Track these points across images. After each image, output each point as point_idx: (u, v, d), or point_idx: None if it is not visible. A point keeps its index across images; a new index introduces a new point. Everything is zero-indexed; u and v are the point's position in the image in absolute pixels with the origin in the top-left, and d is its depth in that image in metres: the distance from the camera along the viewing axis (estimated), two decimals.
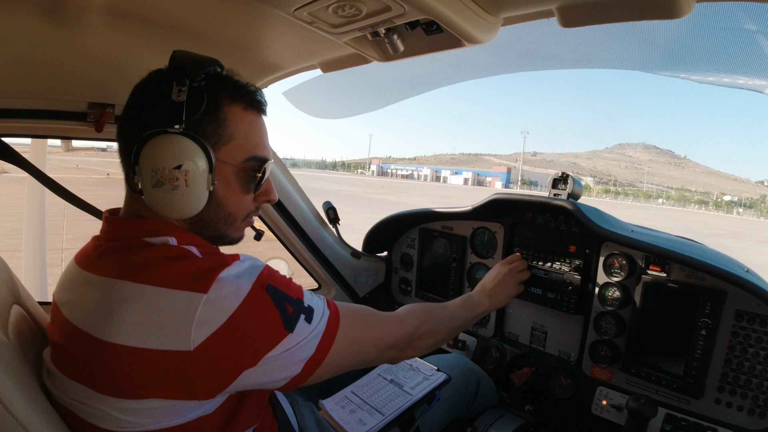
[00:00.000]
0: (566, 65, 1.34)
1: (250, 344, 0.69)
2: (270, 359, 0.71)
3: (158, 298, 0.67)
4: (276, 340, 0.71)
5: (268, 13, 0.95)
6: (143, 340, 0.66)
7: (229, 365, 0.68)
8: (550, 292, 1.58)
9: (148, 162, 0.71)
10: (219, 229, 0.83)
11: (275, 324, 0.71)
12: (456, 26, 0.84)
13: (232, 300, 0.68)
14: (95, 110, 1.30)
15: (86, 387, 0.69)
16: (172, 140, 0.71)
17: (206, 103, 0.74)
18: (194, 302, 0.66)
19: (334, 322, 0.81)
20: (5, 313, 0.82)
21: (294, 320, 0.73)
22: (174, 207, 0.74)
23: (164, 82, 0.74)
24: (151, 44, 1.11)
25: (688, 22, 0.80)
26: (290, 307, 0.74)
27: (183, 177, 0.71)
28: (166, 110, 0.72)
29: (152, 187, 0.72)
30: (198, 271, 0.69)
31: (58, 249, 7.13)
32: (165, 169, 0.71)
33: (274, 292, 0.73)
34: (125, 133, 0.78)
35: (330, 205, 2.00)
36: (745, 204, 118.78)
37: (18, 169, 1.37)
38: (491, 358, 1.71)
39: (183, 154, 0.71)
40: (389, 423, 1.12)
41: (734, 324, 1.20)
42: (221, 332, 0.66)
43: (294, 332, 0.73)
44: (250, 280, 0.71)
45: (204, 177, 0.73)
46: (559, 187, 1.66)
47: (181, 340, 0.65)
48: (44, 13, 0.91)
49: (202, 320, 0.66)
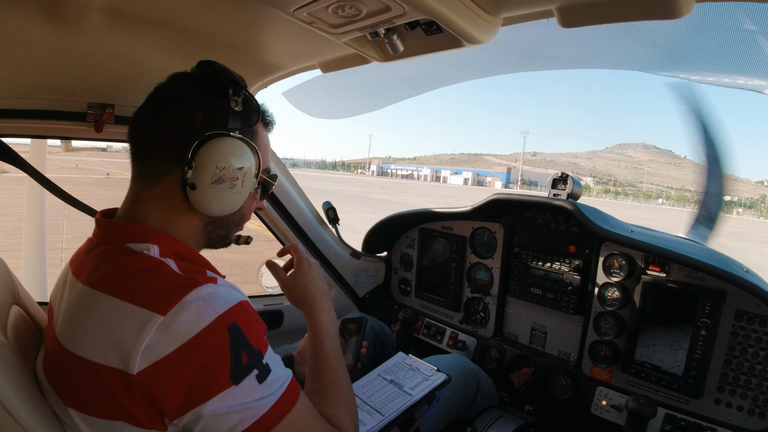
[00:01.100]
0: (566, 65, 1.34)
1: (192, 385, 0.63)
2: (205, 412, 0.63)
3: (118, 311, 0.65)
4: (217, 389, 0.63)
5: (268, 13, 0.95)
6: (97, 353, 0.63)
7: (168, 400, 0.63)
8: (550, 292, 1.58)
9: (211, 159, 0.75)
10: (229, 230, 0.87)
11: (222, 370, 0.64)
12: (456, 26, 0.84)
13: (188, 327, 0.63)
14: (95, 110, 1.30)
15: (59, 397, 0.69)
16: (236, 143, 0.77)
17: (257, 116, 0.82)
18: (149, 323, 0.62)
19: (291, 396, 0.72)
20: (5, 313, 0.82)
21: (243, 373, 0.66)
22: (225, 203, 0.78)
23: (213, 88, 0.78)
24: (151, 45, 1.11)
25: (688, 22, 0.80)
26: (246, 356, 0.66)
27: (242, 177, 0.78)
28: (223, 116, 0.77)
29: (212, 182, 0.76)
30: (164, 289, 0.66)
31: (58, 249, 7.12)
32: (230, 168, 0.76)
33: (235, 334, 0.66)
34: (167, 130, 0.77)
35: (330, 205, 2.00)
36: (745, 204, 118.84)
37: (18, 169, 1.37)
38: (491, 358, 1.71)
39: (245, 157, 0.78)
40: (389, 423, 1.12)
41: (734, 324, 1.20)
42: (167, 361, 0.62)
43: (239, 386, 0.65)
44: (216, 312, 0.65)
45: (252, 180, 0.81)
46: (559, 187, 1.66)
47: (127, 360, 0.62)
48: (44, 14, 0.91)
49: (152, 344, 0.62)
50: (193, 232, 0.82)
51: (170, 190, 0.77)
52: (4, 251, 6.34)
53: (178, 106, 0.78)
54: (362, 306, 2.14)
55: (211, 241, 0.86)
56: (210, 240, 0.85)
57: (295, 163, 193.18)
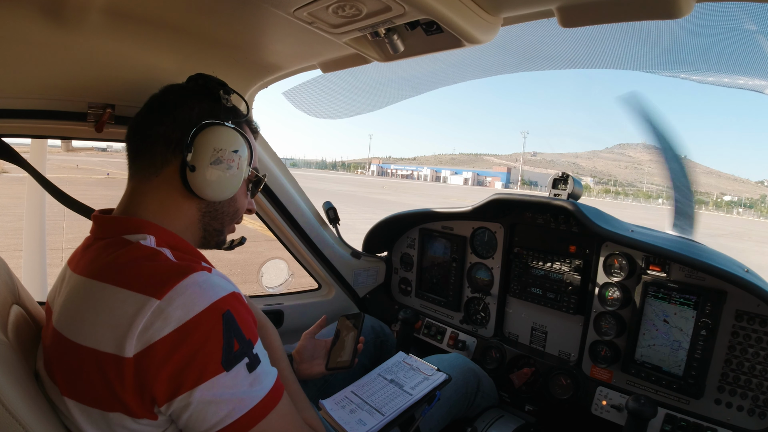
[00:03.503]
0: (566, 65, 1.34)
1: (184, 370, 0.64)
2: (194, 398, 0.64)
3: (115, 298, 0.66)
4: (208, 374, 0.65)
5: (268, 13, 0.95)
6: (96, 340, 0.64)
7: (157, 384, 0.63)
8: (550, 292, 1.58)
9: (209, 142, 0.81)
10: (223, 223, 0.91)
11: (213, 355, 0.65)
12: (456, 26, 0.84)
13: (182, 312, 0.64)
14: (95, 110, 1.30)
15: (56, 387, 0.69)
16: (230, 131, 0.85)
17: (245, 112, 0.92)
18: (144, 307, 0.64)
19: (276, 392, 0.73)
20: (5, 313, 0.82)
21: (235, 360, 0.67)
22: (222, 184, 0.83)
23: (202, 88, 0.87)
24: (151, 45, 1.11)
25: (688, 22, 0.80)
26: (237, 344, 0.68)
27: (238, 160, 0.85)
28: (216, 109, 0.85)
29: (210, 163, 0.81)
30: (160, 274, 0.67)
31: (58, 249, 7.12)
32: (226, 150, 0.83)
33: (228, 322, 0.67)
34: (167, 122, 0.83)
35: (330, 205, 2.00)
36: (745, 204, 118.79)
37: (18, 169, 1.37)
38: (491, 358, 1.71)
39: (240, 143, 0.85)
40: (389, 423, 1.12)
41: (734, 324, 1.20)
42: (160, 344, 0.63)
43: (230, 373, 0.66)
44: (210, 299, 0.67)
45: (246, 167, 0.88)
46: (559, 188, 1.66)
47: (122, 344, 0.63)
48: (44, 14, 0.91)
49: (146, 327, 0.63)
50: (189, 224, 0.85)
51: (169, 179, 0.82)
52: (4, 251, 6.34)
53: (173, 107, 0.84)
54: (362, 306, 2.14)
55: (207, 234, 0.88)
56: (206, 233, 0.88)
57: (295, 163, 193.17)
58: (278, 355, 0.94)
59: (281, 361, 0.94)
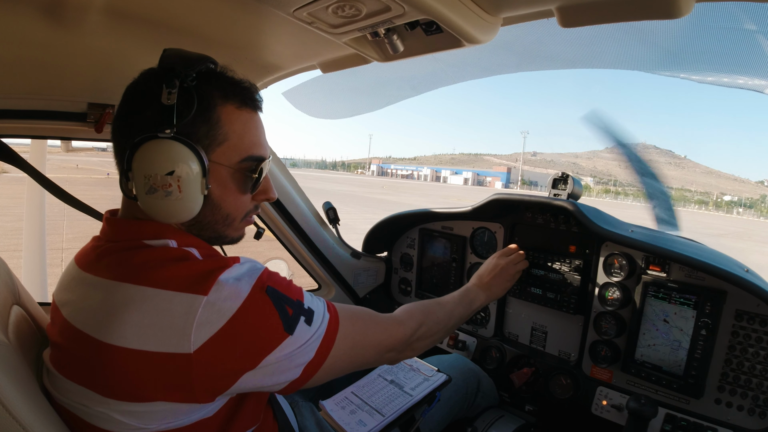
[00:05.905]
0: (566, 65, 1.34)
1: (250, 347, 0.69)
2: (270, 362, 0.71)
3: (159, 300, 0.67)
4: (276, 343, 0.71)
5: (267, 13, 0.95)
6: (144, 342, 0.66)
7: (228, 368, 0.69)
8: (550, 292, 1.58)
9: (140, 168, 0.70)
10: (217, 231, 0.83)
11: (275, 326, 0.71)
12: (456, 26, 0.84)
13: (232, 302, 0.68)
14: (95, 111, 1.30)
15: (87, 389, 0.69)
16: (163, 145, 0.70)
17: (197, 104, 0.72)
18: (194, 304, 0.66)
19: (334, 325, 0.81)
20: (5, 313, 0.82)
21: (294, 322, 0.73)
22: (169, 212, 0.73)
23: (154, 83, 0.72)
24: (151, 45, 1.11)
25: (688, 22, 0.80)
26: (290, 309, 0.74)
27: (176, 183, 0.70)
28: (157, 113, 0.71)
29: (146, 193, 0.71)
30: (198, 273, 0.69)
31: (58, 249, 7.12)
32: (157, 176, 0.70)
33: (273, 294, 0.73)
34: (119, 136, 0.77)
35: (330, 205, 2.00)
36: (745, 204, 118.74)
37: (18, 169, 1.37)
38: (491, 358, 1.71)
39: (175, 159, 0.70)
40: (389, 424, 1.12)
41: (734, 324, 1.20)
42: (221, 334, 0.67)
43: (294, 335, 0.73)
44: (250, 282, 0.71)
45: (197, 181, 0.72)
46: (559, 187, 1.66)
47: (181, 342, 0.65)
48: (44, 13, 0.91)
49: (202, 322, 0.66)
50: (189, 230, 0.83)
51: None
52: (4, 251, 6.34)
53: (126, 109, 0.76)
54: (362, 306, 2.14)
55: (209, 240, 0.85)
56: (207, 240, 0.85)
57: (295, 163, 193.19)
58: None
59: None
